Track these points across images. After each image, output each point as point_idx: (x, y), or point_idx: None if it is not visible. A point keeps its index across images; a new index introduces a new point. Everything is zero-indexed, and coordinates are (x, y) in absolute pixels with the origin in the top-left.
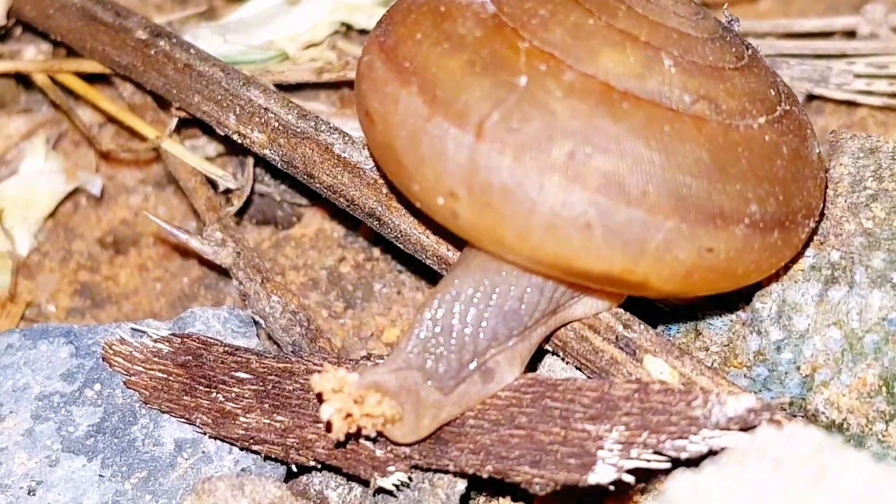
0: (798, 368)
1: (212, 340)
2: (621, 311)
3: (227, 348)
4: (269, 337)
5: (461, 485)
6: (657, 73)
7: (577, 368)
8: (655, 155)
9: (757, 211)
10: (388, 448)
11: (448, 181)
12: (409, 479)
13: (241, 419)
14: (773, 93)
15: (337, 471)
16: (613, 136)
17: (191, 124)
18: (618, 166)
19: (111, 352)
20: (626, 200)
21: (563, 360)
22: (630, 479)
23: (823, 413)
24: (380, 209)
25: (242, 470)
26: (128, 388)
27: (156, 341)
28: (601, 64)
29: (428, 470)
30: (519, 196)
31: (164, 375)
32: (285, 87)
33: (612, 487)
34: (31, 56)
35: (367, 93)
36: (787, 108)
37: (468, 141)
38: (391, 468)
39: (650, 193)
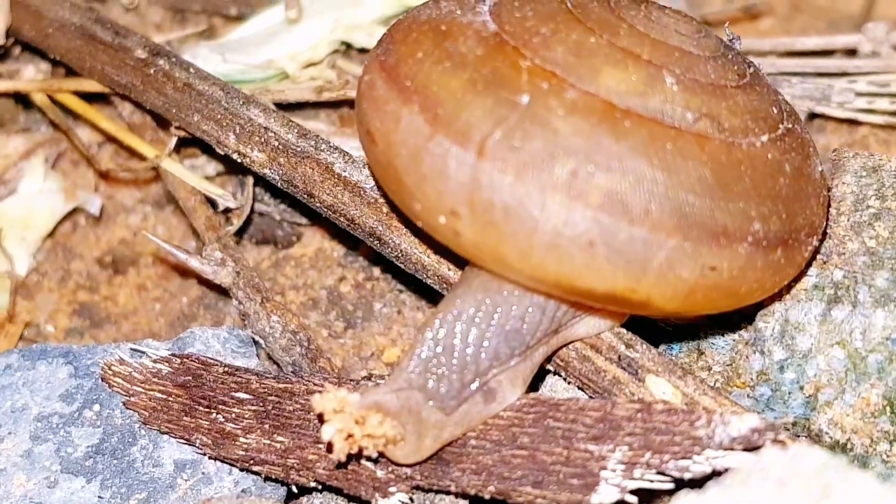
0: (801, 388)
1: (211, 361)
2: (623, 330)
3: (226, 368)
4: (269, 357)
5: None
6: (659, 91)
7: (579, 388)
8: (658, 173)
9: (760, 229)
10: (390, 469)
11: (450, 200)
12: (411, 499)
13: (242, 440)
14: (775, 111)
15: (338, 492)
16: (616, 154)
17: (190, 144)
18: (620, 184)
19: (110, 372)
20: (628, 219)
21: (565, 379)
22: (633, 499)
23: (827, 433)
24: (380, 228)
25: (243, 491)
26: (127, 408)
27: (155, 361)
28: (603, 82)
29: (430, 491)
30: (521, 215)
31: (164, 396)
32: (285, 107)
33: None
34: (29, 75)
35: (368, 112)
36: (790, 126)
37: (470, 159)
38: (392, 489)
39: (653, 212)
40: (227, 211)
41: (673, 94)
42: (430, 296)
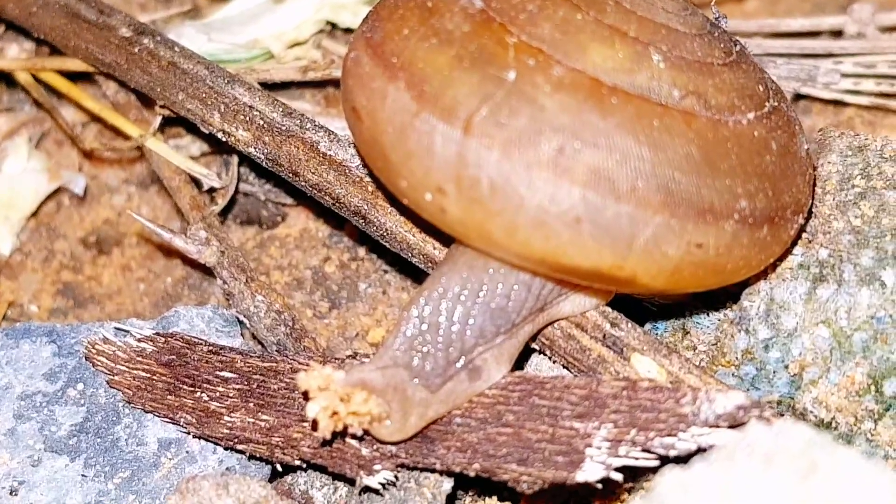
0: (786, 367)
1: (196, 340)
2: (609, 309)
3: (211, 347)
4: (254, 336)
5: (448, 484)
6: (646, 68)
7: (564, 367)
8: (644, 150)
9: (746, 206)
10: (375, 447)
11: (436, 177)
12: (396, 477)
13: (226, 418)
14: (761, 89)
15: (322, 470)
16: (602, 130)
17: (175, 123)
18: (606, 161)
19: (94, 351)
20: (614, 196)
21: (550, 358)
22: (618, 477)
23: (812, 412)
24: (365, 207)
25: (227, 469)
26: (111, 387)
27: (139, 340)
28: (590, 59)
29: (414, 469)
30: (507, 191)
31: (148, 375)
32: (270, 86)
33: (599, 486)
34: (13, 54)
35: (354, 89)
36: (776, 104)
37: (456, 136)
38: (377, 467)
39: (639, 188)
40: (211, 191)
41: (660, 72)
42: (415, 276)
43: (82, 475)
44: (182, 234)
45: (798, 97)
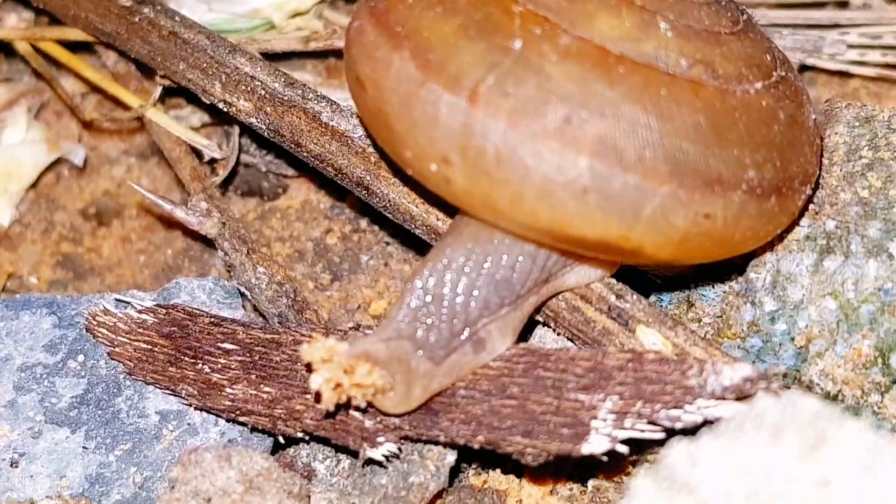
0: (792, 339)
1: (197, 311)
2: (614, 281)
3: (212, 319)
4: (255, 308)
5: (451, 456)
6: (653, 36)
7: (568, 339)
8: (652, 119)
9: (754, 177)
10: (378, 419)
11: (441, 147)
12: (399, 450)
13: (228, 390)
14: (769, 58)
15: (325, 442)
16: (609, 100)
17: (175, 94)
18: (613, 131)
19: (95, 322)
20: (621, 165)
21: (554, 330)
22: (624, 449)
23: (818, 384)
24: (368, 178)
25: (229, 441)
26: (112, 359)
27: (140, 312)
28: (596, 27)
29: (418, 441)
30: (513, 161)
31: (149, 346)
32: (271, 56)
33: (605, 458)
34: (12, 24)
35: (358, 58)
36: (783, 73)
37: (462, 105)
38: (381, 439)
39: (646, 158)
40: (212, 161)
41: (667, 40)
42: (418, 248)
43: (83, 447)
44: (183, 205)
45: (804, 68)
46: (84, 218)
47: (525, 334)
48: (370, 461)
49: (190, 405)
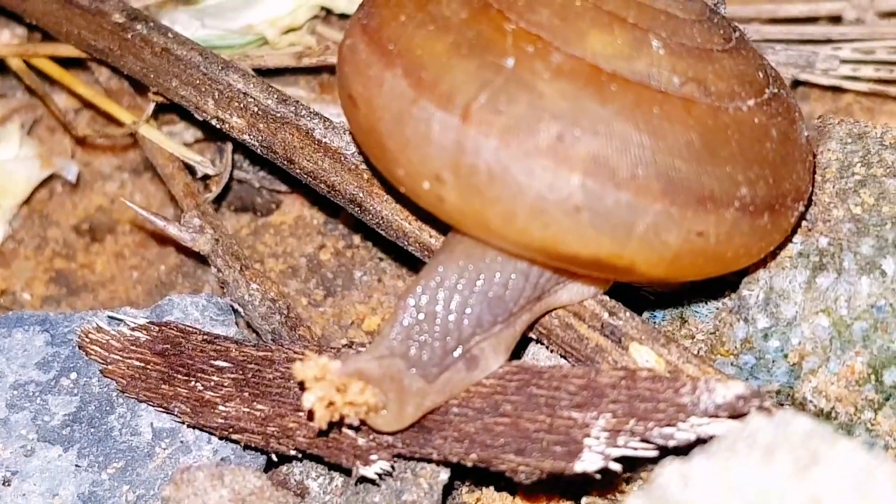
0: (785, 356)
1: (190, 328)
2: (607, 298)
3: (205, 336)
4: (249, 325)
5: (444, 474)
6: (645, 54)
7: (561, 356)
8: (644, 137)
9: (747, 194)
10: (371, 437)
11: (434, 165)
12: (392, 468)
13: (221, 408)
14: (761, 75)
15: (318, 460)
16: (602, 118)
17: (168, 110)
18: (606, 149)
19: (88, 340)
20: (614, 183)
21: (547, 347)
22: (617, 467)
23: (811, 402)
24: (361, 195)
25: (222, 460)
26: (105, 376)
27: (133, 329)
28: (589, 45)
29: (411, 459)
30: (506, 179)
31: (142, 364)
32: (264, 72)
33: (598, 476)
34: (5, 40)
35: (350, 76)
36: (776, 90)
37: (454, 123)
38: (374, 457)
39: (639, 176)
40: (205, 178)
41: (659, 58)
42: (411, 264)
43: (76, 465)
44: (176, 221)
45: (796, 83)
46: (77, 234)
47: (518, 352)
48: (363, 479)
49: (183, 423)
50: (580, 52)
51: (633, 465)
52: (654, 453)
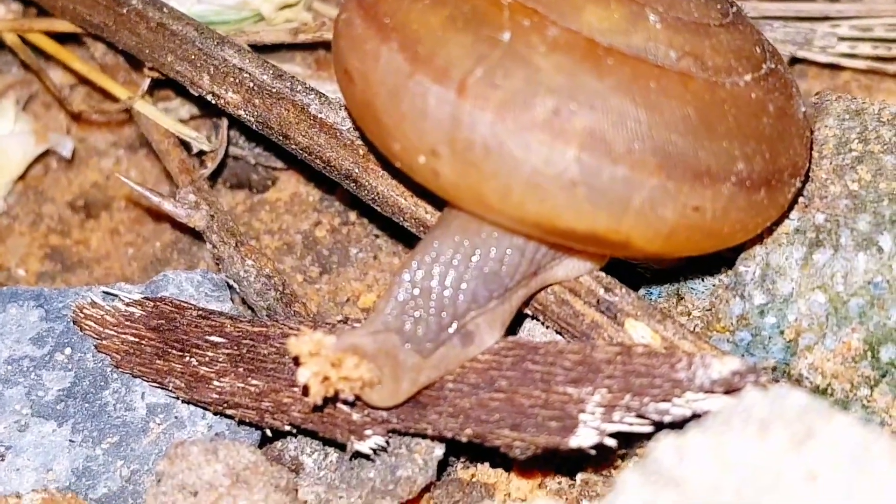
0: (782, 333)
1: (185, 304)
2: (603, 274)
3: (200, 312)
4: (244, 301)
5: (439, 450)
6: (642, 28)
7: (557, 332)
8: (641, 112)
9: (744, 169)
10: (366, 412)
11: (429, 139)
12: (387, 443)
13: (215, 383)
14: (758, 50)
15: (313, 435)
16: (598, 92)
17: (164, 86)
18: (602, 123)
19: (82, 315)
20: (610, 158)
21: (543, 324)
22: (612, 442)
23: (807, 378)
24: (356, 171)
25: (216, 435)
26: (99, 352)
27: (128, 305)
28: (585, 19)
29: (406, 434)
30: (501, 154)
31: (137, 339)
32: (260, 48)
33: (593, 451)
34: (0, 15)
35: (346, 50)
36: (773, 66)
37: (450, 98)
38: (368, 432)
39: (635, 151)
40: (200, 154)
41: (656, 32)
42: (407, 241)
43: (70, 440)
44: (171, 197)
45: (794, 61)
46: (72, 210)
47: (514, 327)
48: (358, 454)
49: (177, 398)
50: (576, 26)
51: (629, 441)
52: (649, 429)
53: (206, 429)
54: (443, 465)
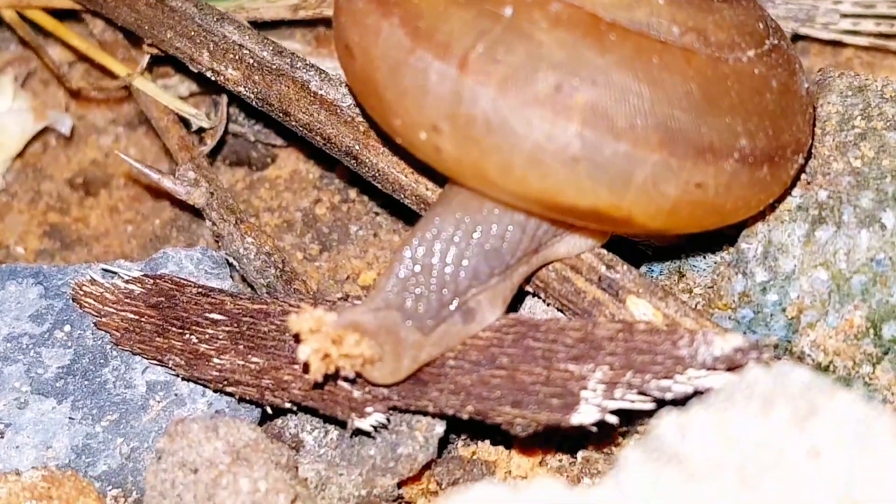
0: (784, 310)
1: (185, 281)
2: (604, 251)
3: (200, 289)
4: (244, 279)
5: (440, 427)
6: (645, 3)
7: (558, 310)
8: (644, 87)
9: (747, 145)
10: (367, 389)
11: (431, 115)
12: (388, 420)
13: (215, 360)
14: (761, 26)
15: (313, 412)
16: (600, 67)
17: (163, 62)
18: (604, 99)
19: (81, 292)
20: (612, 134)
21: (544, 301)
22: (614, 419)
23: (809, 355)
24: (357, 147)
25: (216, 412)
26: (98, 329)
27: (127, 282)
28: None
29: (406, 411)
30: (503, 129)
31: (136, 316)
32: (260, 25)
33: (594, 429)
34: None
35: (347, 25)
36: (776, 42)
37: (452, 73)
38: (369, 409)
39: (637, 126)
40: (200, 131)
41: (659, 8)
42: (408, 218)
43: (69, 418)
44: (171, 175)
45: (796, 38)
46: (71, 188)
47: (515, 304)
48: (358, 432)
49: (177, 376)
50: (579, 1)
51: (630, 419)
52: (651, 406)
53: (207, 406)
54: (444, 443)
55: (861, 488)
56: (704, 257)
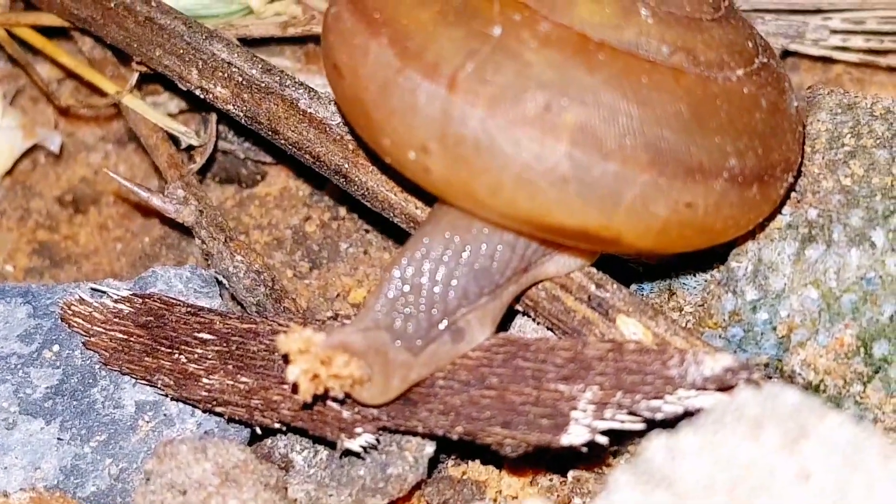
0: (774, 329)
1: (174, 300)
2: (594, 270)
3: (189, 308)
4: (233, 297)
5: (430, 447)
6: (634, 23)
7: (548, 329)
8: (632, 107)
9: (736, 165)
10: (356, 409)
11: (420, 135)
12: (377, 441)
13: (204, 380)
14: (750, 45)
15: (303, 433)
16: (589, 87)
17: (152, 80)
18: (593, 118)
19: (70, 312)
20: (601, 154)
21: (534, 320)
22: (604, 440)
23: (800, 374)
24: (346, 166)
25: (205, 433)
26: (87, 349)
27: (116, 301)
28: (577, 14)
29: (396, 432)
30: (492, 149)
31: (125, 336)
32: (249, 42)
33: (585, 449)
34: None
35: (335, 45)
36: (765, 60)
37: (440, 93)
38: (359, 430)
39: (626, 146)
40: (189, 149)
41: (648, 27)
42: (397, 236)
43: (58, 438)
44: (160, 192)
45: (786, 54)
46: (60, 205)
47: (504, 324)
48: (348, 452)
49: (166, 396)
50: (568, 20)
51: (620, 439)
52: (641, 426)
53: (195, 426)
54: (434, 463)
55: None
56: (694, 276)
